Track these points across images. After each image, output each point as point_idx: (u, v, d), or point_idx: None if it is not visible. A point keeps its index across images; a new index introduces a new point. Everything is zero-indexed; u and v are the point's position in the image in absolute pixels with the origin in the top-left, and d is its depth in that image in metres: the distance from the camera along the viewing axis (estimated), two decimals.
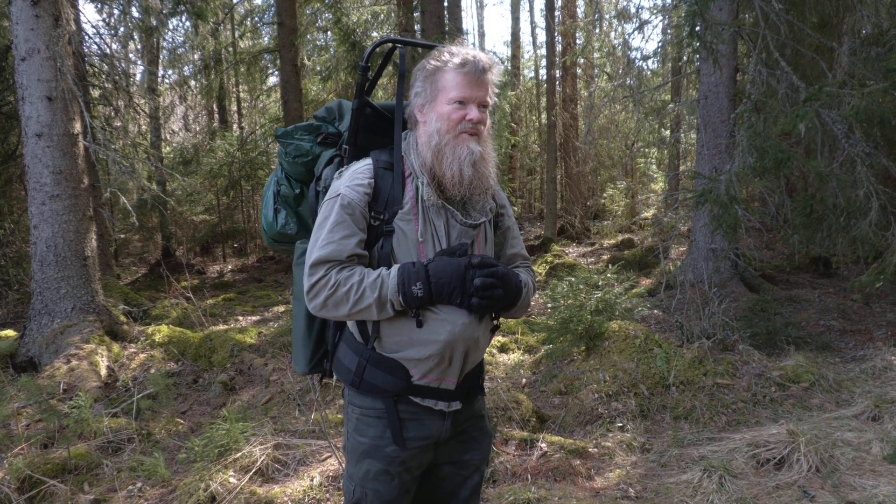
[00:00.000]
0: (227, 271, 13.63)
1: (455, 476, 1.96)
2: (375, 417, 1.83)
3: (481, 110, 1.77)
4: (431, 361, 1.75)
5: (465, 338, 1.76)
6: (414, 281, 1.69)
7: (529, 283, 1.97)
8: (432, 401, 1.81)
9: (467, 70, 1.74)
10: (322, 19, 13.99)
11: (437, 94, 1.77)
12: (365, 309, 1.72)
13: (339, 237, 1.74)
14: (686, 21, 5.90)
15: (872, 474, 3.50)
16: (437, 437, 1.86)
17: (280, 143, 2.09)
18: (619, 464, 3.94)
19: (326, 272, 1.73)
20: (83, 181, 6.41)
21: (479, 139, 1.78)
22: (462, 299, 1.72)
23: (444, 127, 1.75)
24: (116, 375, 5.71)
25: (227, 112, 18.23)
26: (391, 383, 1.79)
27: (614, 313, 5.81)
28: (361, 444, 1.85)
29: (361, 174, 1.80)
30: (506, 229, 2.01)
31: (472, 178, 1.76)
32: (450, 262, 1.71)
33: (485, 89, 1.77)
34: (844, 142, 5.45)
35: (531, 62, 23.57)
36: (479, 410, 1.98)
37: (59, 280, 6.17)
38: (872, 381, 5.00)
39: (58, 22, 6.07)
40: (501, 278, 1.75)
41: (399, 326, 1.77)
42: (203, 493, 3.46)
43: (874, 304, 7.46)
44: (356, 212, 1.76)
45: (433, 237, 1.78)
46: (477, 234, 1.85)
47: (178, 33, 14.20)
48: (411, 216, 1.77)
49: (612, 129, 17.47)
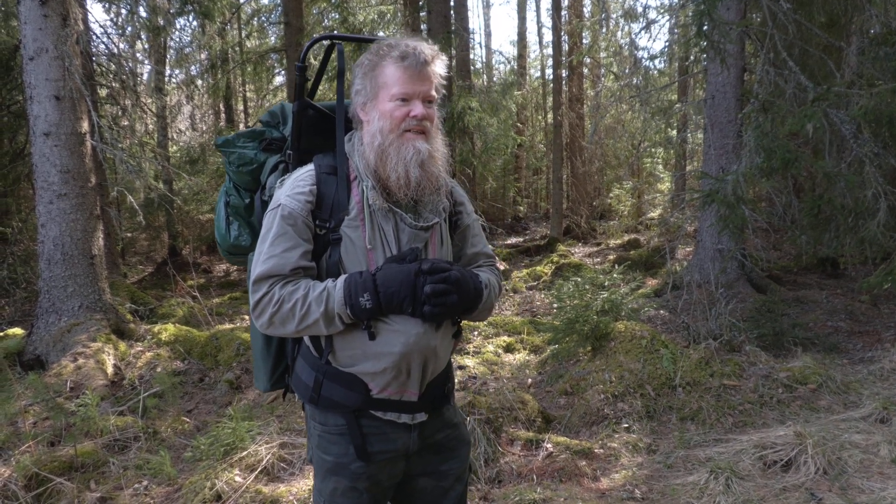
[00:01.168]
0: (232, 270, 13.65)
1: (435, 488, 1.88)
2: (338, 434, 1.75)
3: (427, 105, 1.67)
4: (388, 374, 1.67)
5: (420, 348, 1.66)
6: (361, 292, 1.60)
7: (493, 282, 1.87)
8: (395, 413, 1.73)
9: (408, 63, 1.63)
10: (329, 19, 14.02)
11: (378, 91, 1.68)
12: (312, 324, 1.63)
13: (281, 250, 1.65)
14: (693, 20, 5.87)
15: (880, 476, 3.48)
16: (405, 449, 1.78)
17: (221, 153, 1.99)
18: (625, 465, 3.92)
19: (269, 288, 1.64)
20: (90, 180, 6.43)
21: (426, 137, 1.69)
22: (414, 308, 1.62)
23: (387, 126, 1.66)
24: (123, 374, 5.73)
25: (234, 111, 18.27)
26: (350, 398, 1.71)
27: (620, 314, 5.80)
28: (326, 462, 1.78)
29: (302, 181, 1.71)
30: (465, 228, 1.91)
31: (419, 179, 1.67)
32: (399, 270, 1.62)
33: (429, 83, 1.67)
34: (853, 142, 5.42)
35: (537, 61, 23.55)
36: (450, 419, 1.89)
37: (66, 278, 6.20)
38: (880, 382, 4.97)
39: (66, 22, 6.09)
40: (455, 283, 1.65)
41: (352, 339, 1.68)
42: (209, 492, 3.46)
43: (882, 305, 7.42)
44: (298, 222, 1.67)
45: (382, 243, 1.69)
46: (431, 237, 1.75)
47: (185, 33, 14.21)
48: (358, 222, 1.68)
49: (619, 129, 17.44)
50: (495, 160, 17.69)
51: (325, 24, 14.20)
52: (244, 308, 9.10)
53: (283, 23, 12.19)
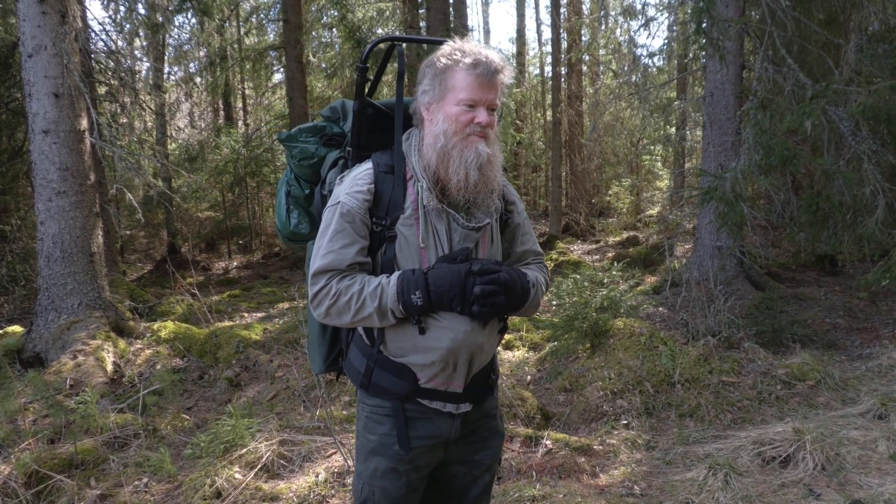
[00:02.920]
0: (232, 268, 13.66)
1: (466, 475, 1.95)
2: (384, 415, 1.82)
3: (490, 113, 1.72)
4: (436, 367, 1.74)
5: (468, 344, 1.73)
6: (413, 290, 1.66)
7: (540, 280, 1.93)
8: (440, 403, 1.80)
9: (479, 72, 1.68)
10: (327, 16, 14.00)
11: (446, 94, 1.71)
12: (366, 318, 1.71)
13: (339, 246, 1.73)
14: (692, 18, 5.88)
15: (878, 472, 3.49)
16: (447, 437, 1.85)
17: (285, 147, 2.07)
18: (624, 461, 3.93)
19: (327, 282, 1.72)
20: (89, 177, 6.43)
21: (487, 141, 1.73)
22: (463, 307, 1.68)
23: (451, 129, 1.70)
24: (122, 371, 5.73)
25: (233, 109, 18.26)
26: (398, 386, 1.79)
27: (619, 311, 5.81)
28: (370, 442, 1.85)
29: (361, 180, 1.77)
30: (515, 226, 1.96)
31: (477, 182, 1.72)
32: (449, 270, 1.68)
33: (495, 91, 1.72)
34: (851, 139, 5.43)
35: (536, 59, 23.52)
36: (489, 410, 1.96)
37: (65, 276, 6.20)
38: (879, 379, 4.98)
39: (64, 19, 6.08)
40: (504, 284, 1.71)
41: (403, 332, 1.75)
42: (209, 489, 3.47)
43: (880, 302, 7.43)
44: (356, 219, 1.73)
45: (435, 242, 1.74)
46: (482, 236, 1.80)
47: (183, 30, 14.21)
48: (413, 221, 1.73)
49: (618, 127, 17.42)
50: None
51: (324, 20, 14.19)
52: (243, 306, 9.11)
53: (282, 20, 12.20)
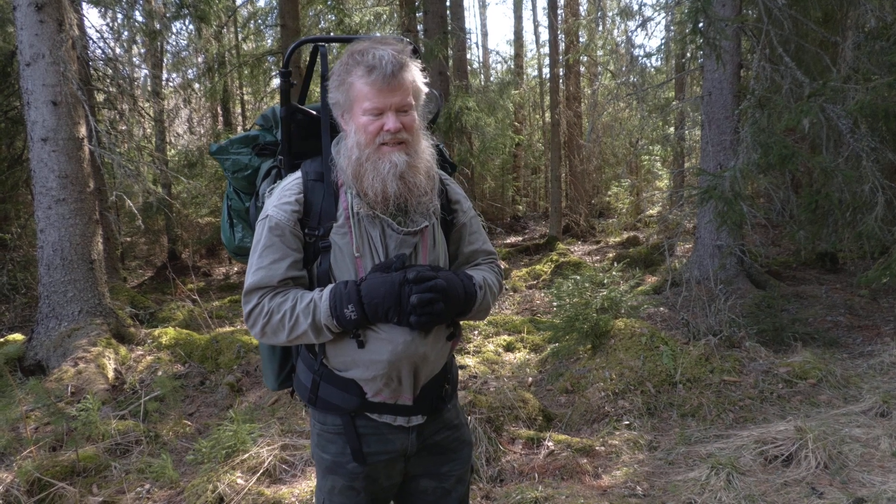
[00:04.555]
0: (232, 273, 13.65)
1: (436, 489, 1.89)
2: (335, 434, 1.77)
3: (402, 115, 1.62)
4: (379, 381, 1.68)
5: (409, 355, 1.65)
6: (346, 303, 1.59)
7: (491, 281, 1.84)
8: (390, 416, 1.75)
9: (374, 78, 1.57)
10: (325, 21, 14.01)
11: (352, 105, 1.63)
12: (302, 335, 1.64)
13: (269, 262, 1.66)
14: (689, 17, 5.88)
15: (881, 470, 3.49)
16: (403, 451, 1.79)
17: (217, 160, 2.00)
18: (627, 462, 3.93)
19: (259, 300, 1.65)
20: (89, 185, 6.43)
21: (405, 147, 1.64)
22: (400, 318, 1.60)
23: (362, 139, 1.62)
24: (124, 378, 5.73)
25: (232, 114, 18.25)
26: (346, 401, 1.73)
27: (620, 311, 5.81)
28: (324, 461, 1.80)
29: (289, 191, 1.70)
30: (461, 226, 1.88)
31: (399, 192, 1.63)
32: (383, 280, 1.60)
33: (401, 92, 1.60)
34: (849, 137, 5.43)
35: (534, 60, 23.52)
36: (450, 421, 1.88)
37: (65, 283, 6.20)
38: (880, 376, 4.98)
39: (62, 27, 6.10)
40: (442, 291, 1.61)
41: (342, 347, 1.69)
42: (211, 495, 3.47)
43: (881, 299, 7.43)
44: (286, 232, 1.66)
45: (370, 250, 1.67)
46: (421, 240, 1.72)
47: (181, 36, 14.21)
48: (346, 229, 1.66)
49: (616, 127, 17.44)
50: (493, 160, 17.70)
51: (322, 25, 14.20)
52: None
53: (280, 25, 12.19)
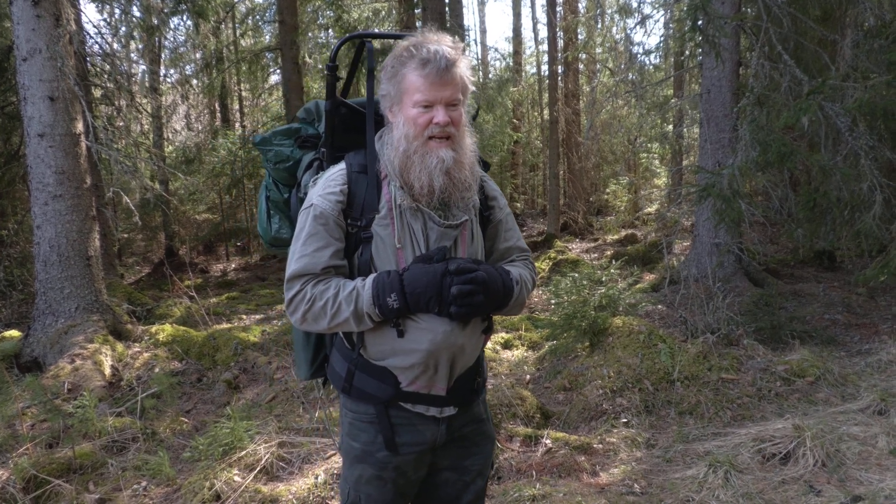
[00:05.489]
0: (230, 270, 13.65)
1: (457, 482, 1.91)
2: (367, 423, 1.79)
3: (451, 109, 1.66)
4: (417, 370, 1.71)
5: (447, 345, 1.69)
6: (388, 292, 1.62)
7: (526, 277, 1.88)
8: (423, 406, 1.77)
9: (429, 70, 1.61)
10: (323, 17, 13.99)
11: (403, 96, 1.67)
12: (343, 322, 1.67)
13: (313, 249, 1.69)
14: (688, 15, 5.87)
15: (879, 468, 3.49)
16: (433, 442, 1.82)
17: (259, 151, 2.02)
18: (624, 459, 3.93)
19: (302, 286, 1.68)
20: (86, 181, 6.41)
21: (451, 142, 1.68)
22: (440, 308, 1.64)
23: (411, 132, 1.66)
24: (121, 375, 5.72)
25: (229, 111, 18.25)
26: (381, 390, 1.75)
27: (618, 309, 5.80)
28: (354, 449, 1.82)
29: (334, 181, 1.73)
30: (497, 223, 1.91)
31: (444, 187, 1.67)
32: (425, 271, 1.63)
33: (452, 87, 1.65)
34: (848, 135, 5.42)
35: (533, 58, 23.49)
36: (478, 415, 1.92)
37: (62, 280, 6.18)
38: (878, 374, 4.98)
39: (59, 22, 6.07)
40: (482, 283, 1.65)
41: (381, 335, 1.72)
42: (208, 492, 3.46)
43: (879, 297, 7.44)
44: (330, 222, 1.70)
45: (412, 241, 1.70)
46: (461, 234, 1.75)
47: (179, 32, 14.20)
48: (388, 221, 1.69)
49: (615, 125, 17.44)
50: (492, 157, 17.69)
51: (320, 21, 14.17)
52: (241, 308, 9.09)
53: (278, 21, 12.17)
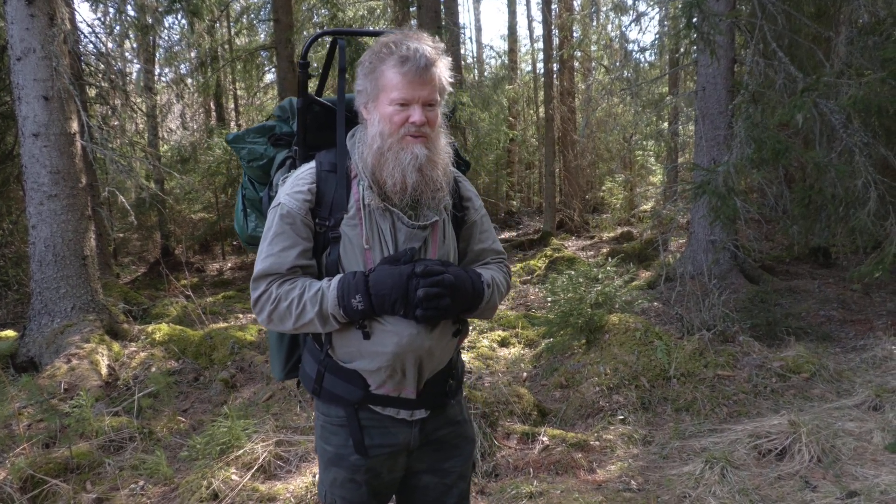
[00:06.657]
0: (226, 269, 13.62)
1: (438, 485, 1.89)
2: (338, 426, 1.78)
3: (427, 109, 1.64)
4: (383, 373, 1.69)
5: (413, 348, 1.66)
6: (353, 294, 1.60)
7: (499, 280, 1.85)
8: (394, 409, 1.75)
9: (407, 69, 1.60)
10: (318, 15, 13.94)
11: (379, 94, 1.65)
12: (308, 323, 1.65)
13: (279, 249, 1.68)
14: (683, 12, 5.88)
15: (874, 464, 3.51)
16: (406, 444, 1.79)
17: (232, 149, 2.01)
18: (621, 456, 3.94)
19: (267, 286, 1.67)
20: (81, 180, 6.39)
21: (426, 140, 1.66)
22: (406, 310, 1.61)
23: (386, 129, 1.64)
24: (117, 374, 5.71)
25: (225, 110, 18.19)
26: (350, 392, 1.74)
27: (614, 306, 5.82)
28: (327, 452, 1.81)
29: (302, 180, 1.72)
30: (472, 224, 1.89)
31: (416, 184, 1.65)
32: (391, 272, 1.61)
33: (430, 87, 1.63)
34: (842, 132, 5.44)
35: (528, 56, 23.49)
36: (454, 417, 1.88)
37: (58, 280, 6.16)
38: (873, 370, 5.01)
39: (53, 21, 6.04)
40: (449, 286, 1.62)
41: (348, 337, 1.70)
42: (205, 491, 3.46)
43: (874, 293, 7.47)
44: (297, 221, 1.68)
45: (380, 242, 1.68)
46: (431, 235, 1.73)
47: (173, 31, 14.14)
48: (356, 221, 1.67)
49: (610, 122, 17.44)
50: (487, 155, 17.70)
51: (315, 20, 14.13)
52: (238, 307, 9.08)
53: (273, 20, 12.13)
